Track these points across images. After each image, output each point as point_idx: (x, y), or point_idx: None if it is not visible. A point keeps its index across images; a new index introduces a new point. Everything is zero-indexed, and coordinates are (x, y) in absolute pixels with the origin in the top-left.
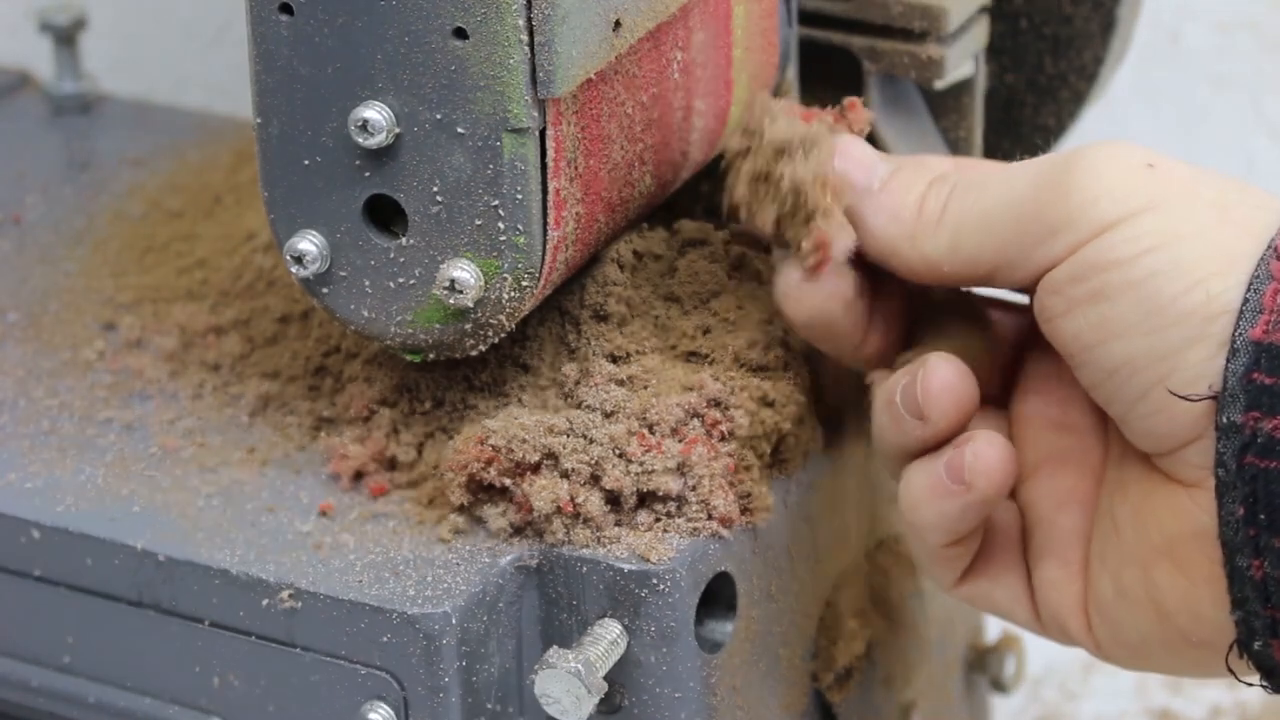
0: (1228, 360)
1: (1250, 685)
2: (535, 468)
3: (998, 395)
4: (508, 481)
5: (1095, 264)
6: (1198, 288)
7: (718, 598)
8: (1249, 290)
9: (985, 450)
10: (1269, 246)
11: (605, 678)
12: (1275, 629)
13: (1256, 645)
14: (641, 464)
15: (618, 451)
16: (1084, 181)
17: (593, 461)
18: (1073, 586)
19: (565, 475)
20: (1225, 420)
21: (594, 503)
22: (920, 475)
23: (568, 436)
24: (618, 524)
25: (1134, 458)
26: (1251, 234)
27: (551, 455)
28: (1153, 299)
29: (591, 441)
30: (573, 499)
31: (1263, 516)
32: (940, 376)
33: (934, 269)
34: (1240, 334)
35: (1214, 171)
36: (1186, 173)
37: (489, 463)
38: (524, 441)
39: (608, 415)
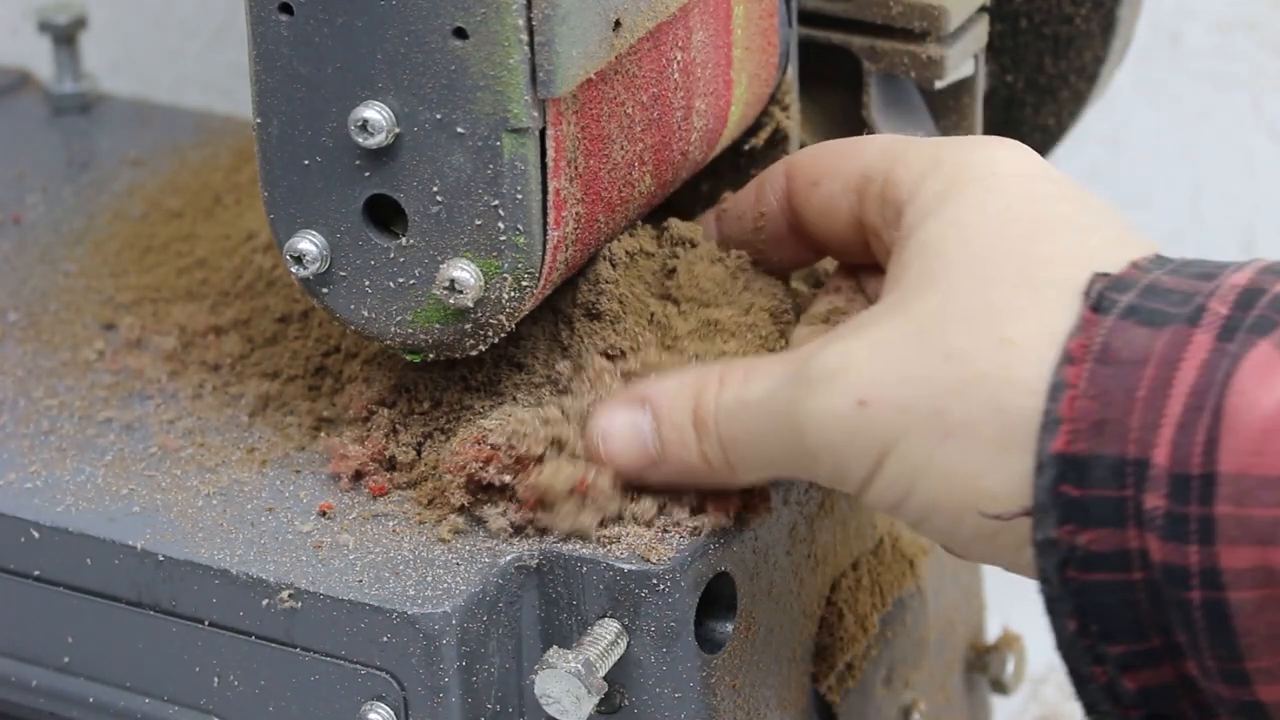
0: (1035, 475)
1: None
2: (539, 459)
3: None
4: (508, 478)
5: (882, 507)
6: (965, 518)
7: (718, 598)
8: (1048, 402)
9: None
10: (1061, 354)
11: (605, 678)
12: None
13: None
14: None
15: None
16: (820, 451)
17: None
18: None
19: (574, 458)
20: (1041, 537)
21: (604, 482)
22: None
23: (567, 424)
24: (621, 513)
25: None
26: (978, 434)
27: (556, 443)
28: (940, 531)
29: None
30: (585, 477)
31: (1094, 627)
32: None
33: (760, 484)
34: (1043, 450)
35: (921, 337)
36: (894, 395)
37: (487, 461)
38: (525, 435)
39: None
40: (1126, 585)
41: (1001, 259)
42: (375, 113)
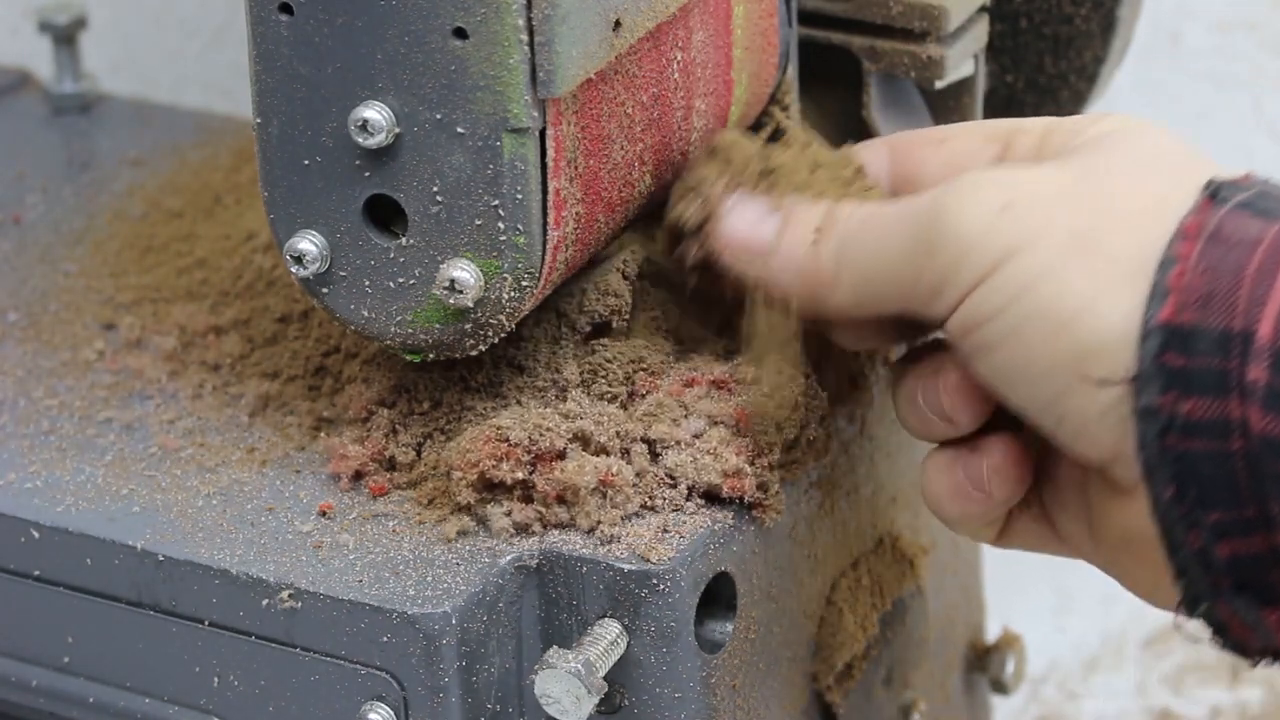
0: (1140, 342)
1: (1196, 642)
2: (561, 455)
3: None
4: (520, 475)
5: (975, 319)
6: (1063, 333)
7: (718, 598)
8: (1157, 274)
9: (1000, 461)
10: (1175, 230)
11: (605, 678)
12: (1218, 590)
13: (1203, 607)
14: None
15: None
16: (946, 240)
17: (622, 436)
18: (1085, 533)
19: (599, 452)
20: (1143, 404)
21: (627, 474)
22: (942, 476)
23: (589, 420)
24: (643, 506)
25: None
26: (1112, 255)
27: (578, 438)
28: (1026, 349)
29: (607, 414)
30: (609, 469)
31: (1191, 494)
32: (957, 379)
33: (847, 315)
34: (1150, 317)
35: (1081, 178)
36: (1041, 207)
37: (503, 459)
38: (547, 430)
39: (615, 402)
40: (1225, 455)
41: (1158, 158)
42: (375, 113)
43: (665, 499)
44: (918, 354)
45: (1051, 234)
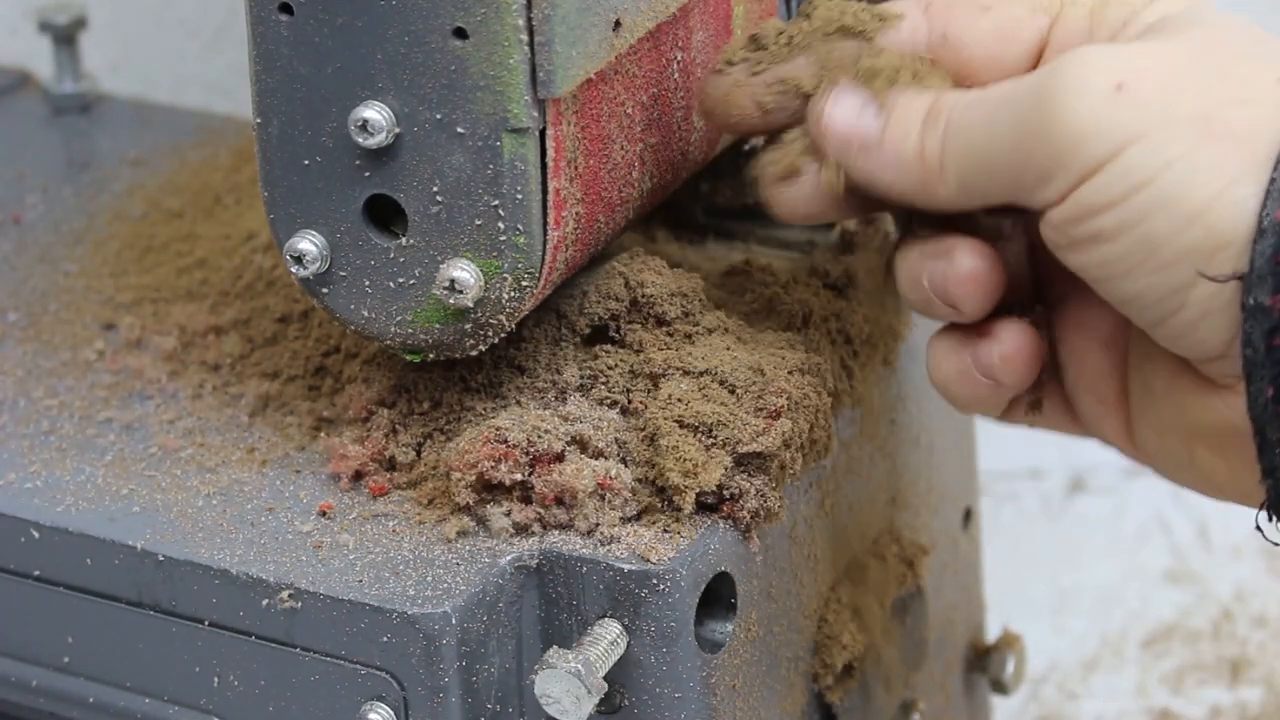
0: (1255, 241)
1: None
2: (559, 457)
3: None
4: (519, 477)
5: (1089, 207)
6: (1195, 223)
7: (718, 598)
8: (1274, 171)
9: (1012, 351)
10: None
11: (605, 678)
12: None
13: None
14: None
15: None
16: (1059, 123)
17: (619, 440)
18: (1113, 419)
19: (597, 455)
20: (1253, 302)
21: (625, 478)
22: (949, 359)
23: (587, 423)
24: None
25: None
26: (1239, 141)
27: (576, 441)
28: (1149, 239)
29: (607, 418)
30: (608, 473)
31: None
32: (969, 267)
33: (954, 206)
34: (1267, 215)
35: (1192, 57)
36: (1159, 87)
37: (500, 460)
38: (546, 432)
39: (618, 406)
40: None
41: (1255, 41)
42: (375, 113)
43: (665, 500)
44: (922, 231)
45: (1174, 117)
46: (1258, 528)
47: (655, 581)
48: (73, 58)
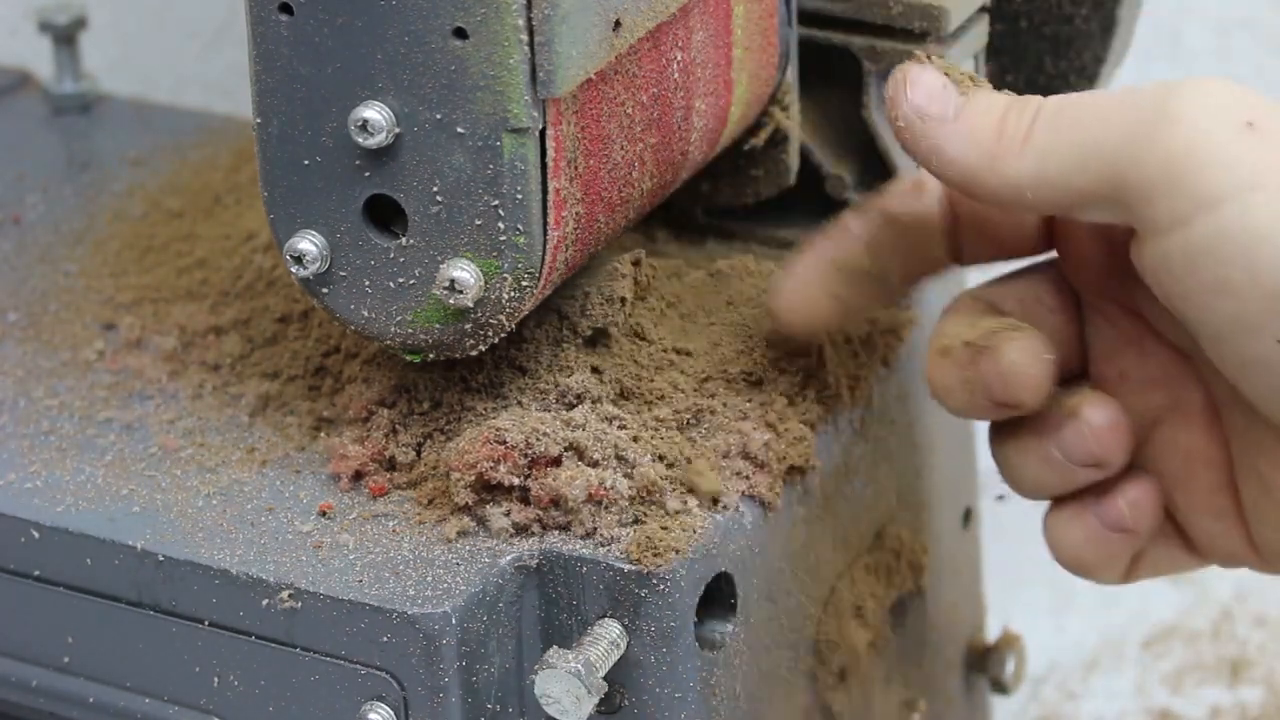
0: None
1: None
2: (556, 460)
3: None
4: (517, 480)
5: (1213, 254)
6: None
7: (718, 598)
8: None
9: (1140, 493)
10: None
11: (605, 678)
12: None
13: None
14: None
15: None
16: (1183, 141)
17: (617, 447)
18: (1235, 534)
19: (593, 464)
20: None
21: (621, 487)
22: (1072, 530)
23: (586, 431)
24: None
25: (1260, 417)
26: None
27: (573, 447)
28: (1270, 290)
29: (609, 431)
30: (601, 483)
31: None
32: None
33: (1016, 193)
34: None
35: None
36: None
37: (499, 460)
38: (545, 435)
39: (614, 419)
40: None
41: None
42: (375, 113)
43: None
44: (1014, 422)
45: None
46: None
47: (655, 581)
48: (73, 58)
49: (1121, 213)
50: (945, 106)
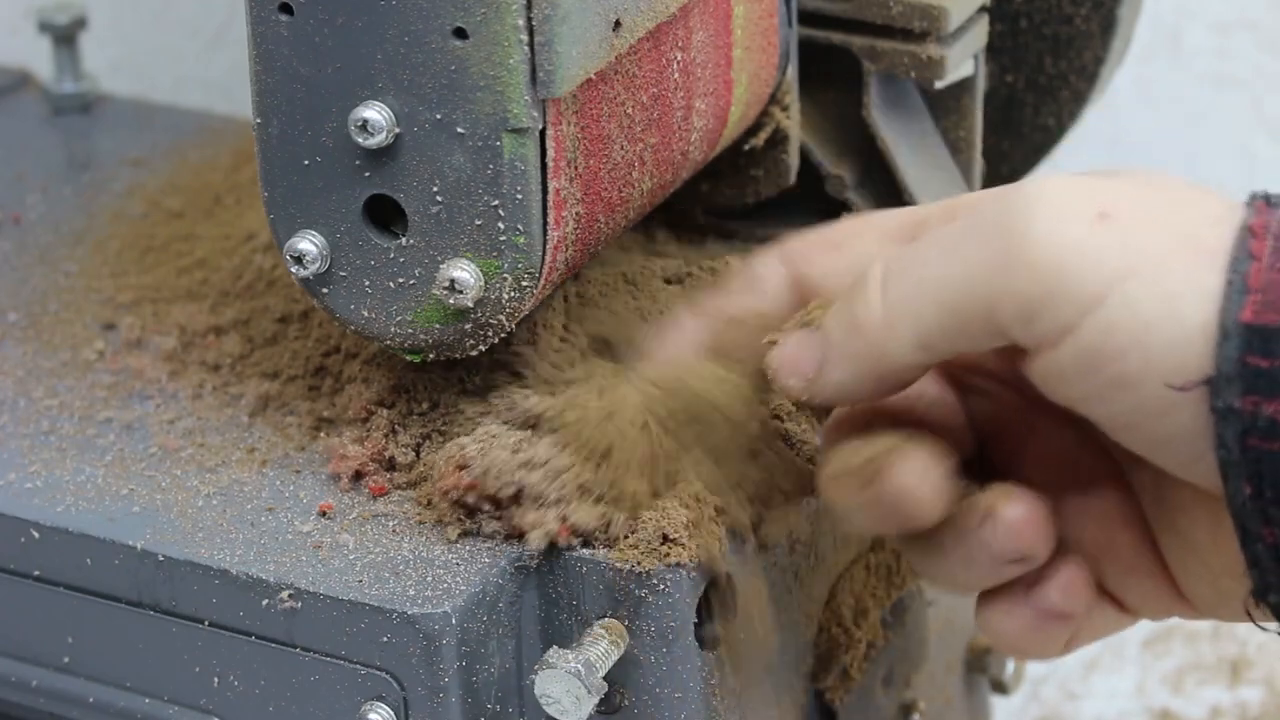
0: (1218, 345)
1: (1265, 630)
2: (515, 498)
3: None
4: (489, 508)
5: (1104, 352)
6: (1187, 349)
7: (718, 598)
8: (1230, 273)
9: (1070, 577)
10: (1241, 228)
11: (605, 678)
12: None
13: (1272, 599)
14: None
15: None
16: (1041, 254)
17: (576, 484)
18: (1163, 590)
19: (551, 504)
20: (1223, 405)
21: (584, 514)
22: (1008, 621)
23: (543, 469)
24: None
25: (1170, 479)
26: (1210, 258)
27: (523, 490)
28: (1154, 381)
29: (571, 466)
30: (564, 520)
31: (1269, 493)
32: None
33: (914, 364)
34: (1228, 318)
35: (1152, 180)
36: (1141, 213)
37: (469, 489)
38: (498, 476)
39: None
40: None
41: (1165, 182)
42: (375, 113)
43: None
44: (933, 532)
45: (1161, 244)
46: (1248, 614)
47: (655, 582)
48: (73, 58)
49: (1011, 338)
50: (812, 360)
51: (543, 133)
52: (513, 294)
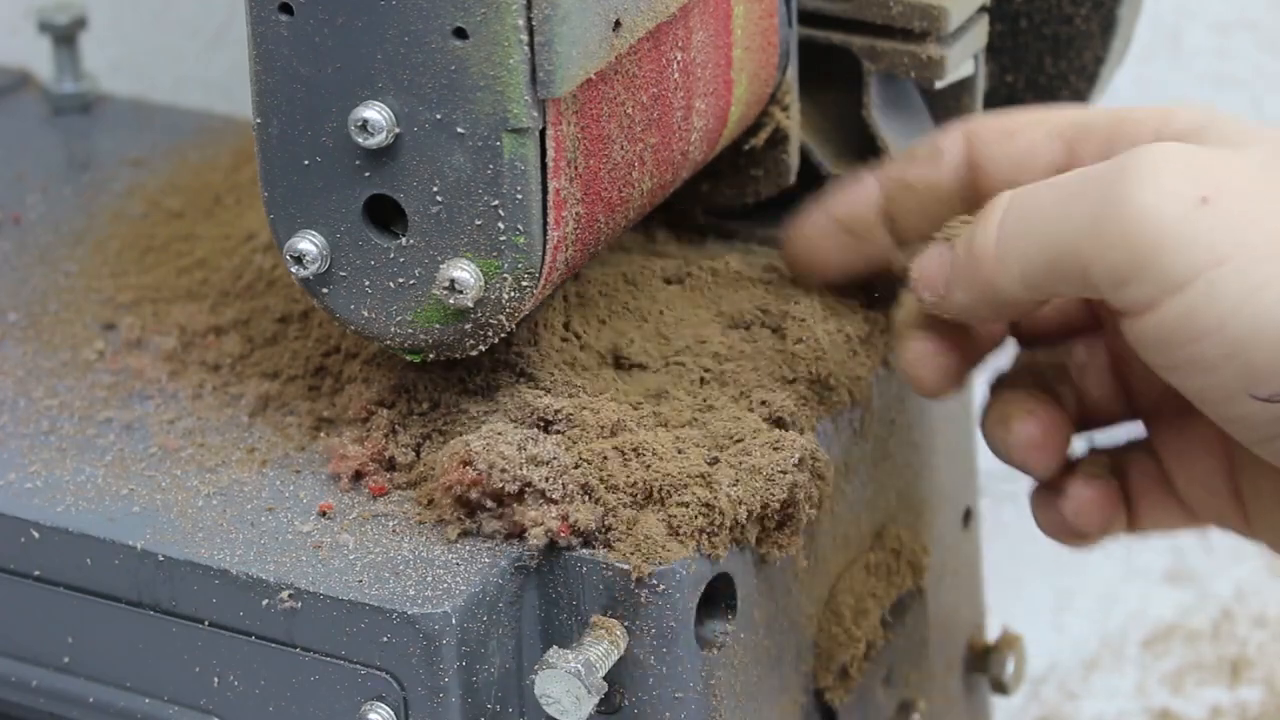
0: None
1: None
2: (518, 495)
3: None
4: (492, 504)
5: (1184, 333)
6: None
7: (718, 598)
8: None
9: (1081, 504)
10: None
11: (605, 678)
12: None
13: None
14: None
15: (601, 470)
16: (1140, 226)
17: (578, 484)
18: (1231, 513)
19: (552, 502)
20: None
21: (585, 514)
22: (1037, 514)
23: (543, 469)
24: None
25: None
26: None
27: (530, 486)
28: (1246, 365)
29: (576, 465)
30: (565, 518)
31: None
32: (1026, 436)
33: (1023, 300)
34: None
35: (1266, 171)
36: (1243, 203)
37: (473, 484)
38: (504, 471)
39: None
40: None
41: None
42: (375, 113)
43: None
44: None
45: (1257, 236)
46: None
47: (655, 581)
48: (73, 58)
49: (1102, 296)
50: (944, 274)
51: (543, 133)
52: (513, 294)
